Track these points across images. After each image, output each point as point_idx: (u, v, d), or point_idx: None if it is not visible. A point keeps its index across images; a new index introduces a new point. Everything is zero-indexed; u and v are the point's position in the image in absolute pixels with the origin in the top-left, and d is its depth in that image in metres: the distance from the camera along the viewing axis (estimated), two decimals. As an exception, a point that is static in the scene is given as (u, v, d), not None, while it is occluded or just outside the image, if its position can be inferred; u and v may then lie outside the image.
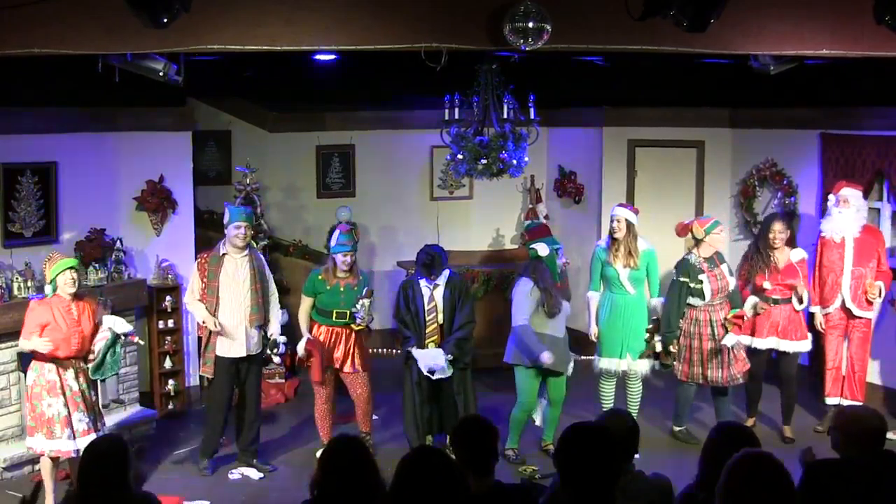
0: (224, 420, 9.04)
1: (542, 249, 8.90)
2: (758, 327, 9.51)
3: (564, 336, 8.99)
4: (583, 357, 9.82)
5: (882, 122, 10.25)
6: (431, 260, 8.85)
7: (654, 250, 9.47)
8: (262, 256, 9.36)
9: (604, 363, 9.43)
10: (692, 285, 9.20)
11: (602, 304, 9.46)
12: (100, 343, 8.00)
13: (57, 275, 7.88)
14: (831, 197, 9.67)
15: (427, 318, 8.95)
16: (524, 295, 8.80)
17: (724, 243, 9.51)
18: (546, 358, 8.62)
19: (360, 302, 8.78)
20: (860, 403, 9.32)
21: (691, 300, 9.28)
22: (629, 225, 9.24)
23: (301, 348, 9.09)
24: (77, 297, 7.99)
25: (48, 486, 7.91)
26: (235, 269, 8.84)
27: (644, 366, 9.43)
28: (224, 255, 8.86)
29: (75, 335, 7.88)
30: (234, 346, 8.85)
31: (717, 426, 5.14)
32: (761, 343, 9.52)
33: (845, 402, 9.38)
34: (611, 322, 9.36)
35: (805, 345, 9.60)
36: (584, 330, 9.75)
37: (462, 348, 8.89)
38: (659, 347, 9.26)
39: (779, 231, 9.43)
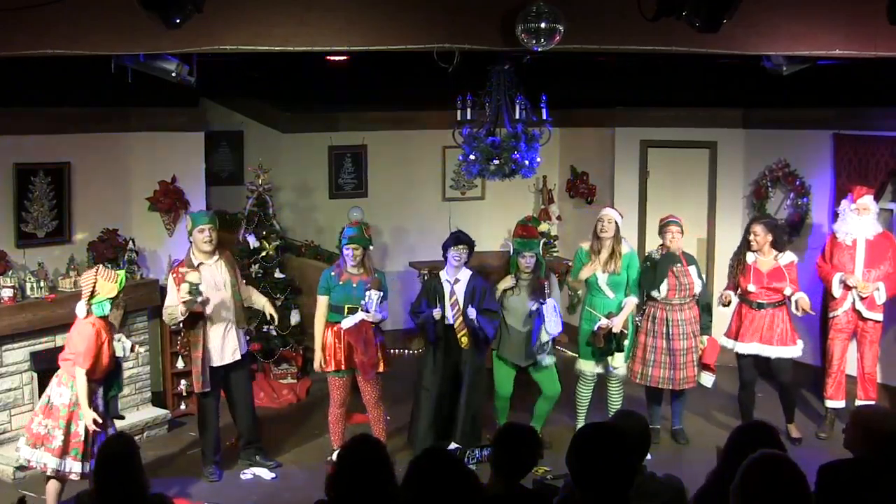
0: (218, 425, 9.04)
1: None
2: (742, 331, 9.46)
3: (528, 331, 9.12)
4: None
5: (895, 123, 10.22)
6: (465, 237, 9.12)
7: (635, 253, 9.64)
8: (230, 255, 9.22)
9: (580, 365, 9.47)
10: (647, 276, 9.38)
11: (582, 306, 9.53)
12: None
13: (116, 295, 7.75)
14: (850, 204, 9.61)
15: (454, 311, 9.01)
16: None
17: (675, 243, 9.30)
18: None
19: (367, 293, 8.79)
20: (874, 402, 9.33)
21: (653, 293, 9.41)
22: (616, 227, 9.33)
23: (318, 365, 9.07)
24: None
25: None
26: (213, 277, 8.72)
27: (622, 369, 9.46)
28: (199, 265, 8.68)
29: (112, 355, 7.82)
30: (226, 353, 8.82)
31: (739, 425, 5.14)
32: (743, 348, 9.46)
33: (859, 402, 9.37)
34: (587, 325, 9.39)
35: (792, 350, 9.43)
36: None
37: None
38: (596, 327, 9.18)
39: (755, 233, 9.38)
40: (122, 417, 9.15)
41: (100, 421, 7.56)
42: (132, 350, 8.22)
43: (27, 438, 7.70)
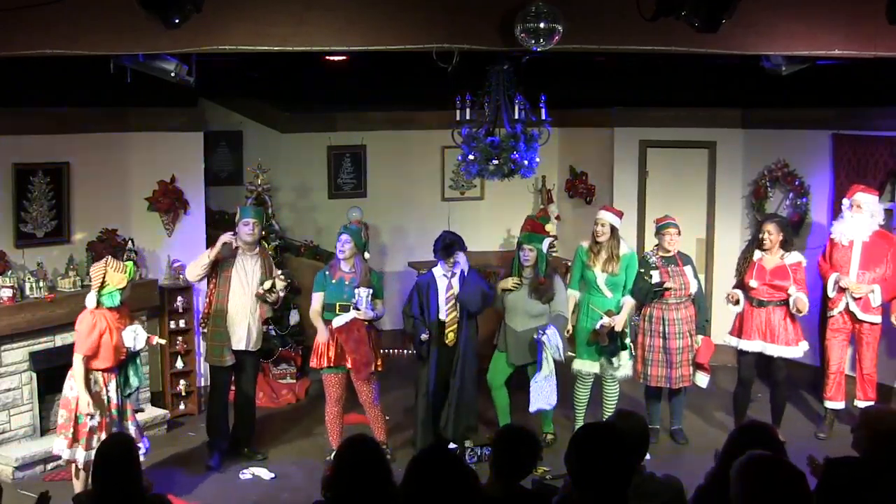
0: (227, 411, 9.29)
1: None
2: (745, 329, 9.46)
3: (526, 331, 9.12)
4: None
5: (894, 123, 10.22)
6: (451, 242, 9.04)
7: (635, 253, 9.61)
8: (270, 258, 9.55)
9: (577, 365, 9.47)
10: (645, 278, 9.32)
11: (580, 305, 9.51)
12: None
13: (126, 285, 7.86)
14: (846, 200, 9.64)
15: (447, 307, 9.03)
16: None
17: (673, 245, 9.37)
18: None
19: (356, 290, 8.81)
20: (873, 402, 9.32)
21: None
22: (613, 229, 9.30)
23: (322, 336, 9.04)
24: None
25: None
26: (245, 267, 9.05)
27: (625, 369, 9.44)
28: (237, 248, 9.03)
29: (121, 345, 7.88)
30: (234, 339, 9.03)
31: (740, 425, 5.14)
32: (747, 345, 9.44)
33: (858, 403, 9.38)
34: (587, 324, 9.38)
35: (794, 350, 9.42)
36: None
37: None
38: (598, 325, 9.15)
39: (769, 232, 9.37)
40: (142, 410, 9.22)
41: (89, 402, 7.63)
42: (149, 342, 8.21)
43: (55, 430, 7.91)
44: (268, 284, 9.02)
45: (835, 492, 4.76)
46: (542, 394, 9.03)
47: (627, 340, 9.37)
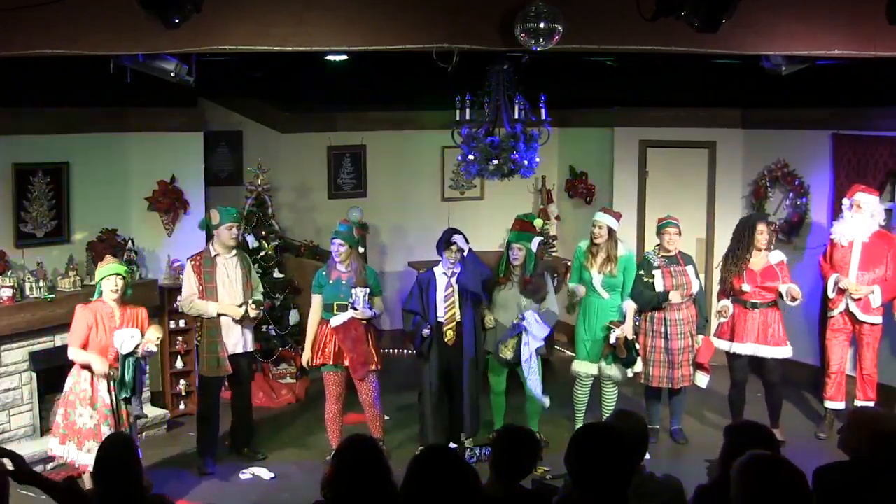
0: (218, 416, 9.22)
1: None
2: (737, 332, 9.44)
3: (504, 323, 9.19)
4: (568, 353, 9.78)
5: (894, 123, 10.21)
6: (450, 234, 9.09)
7: (633, 255, 9.59)
8: (246, 255, 9.53)
9: (577, 366, 9.48)
10: (646, 279, 9.30)
11: (580, 307, 9.50)
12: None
13: (102, 279, 7.88)
14: (846, 200, 9.63)
15: (446, 304, 9.04)
16: None
17: (673, 244, 9.36)
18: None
19: (353, 290, 8.81)
20: (872, 404, 9.32)
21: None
22: (611, 231, 9.27)
23: (305, 361, 9.18)
24: (124, 304, 7.97)
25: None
26: (227, 270, 8.99)
27: (617, 370, 9.40)
28: (216, 256, 8.97)
29: (110, 346, 7.83)
30: (228, 345, 8.99)
31: (733, 425, 5.14)
32: (741, 348, 9.44)
33: (858, 403, 9.38)
34: (586, 324, 9.39)
35: (784, 351, 9.42)
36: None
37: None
38: (613, 339, 9.12)
39: (764, 231, 9.36)
40: (145, 416, 9.21)
41: (102, 361, 7.71)
42: (137, 348, 7.93)
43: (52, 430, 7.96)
44: (241, 312, 8.93)
45: (831, 496, 4.75)
46: (536, 387, 9.09)
47: (638, 346, 9.38)
